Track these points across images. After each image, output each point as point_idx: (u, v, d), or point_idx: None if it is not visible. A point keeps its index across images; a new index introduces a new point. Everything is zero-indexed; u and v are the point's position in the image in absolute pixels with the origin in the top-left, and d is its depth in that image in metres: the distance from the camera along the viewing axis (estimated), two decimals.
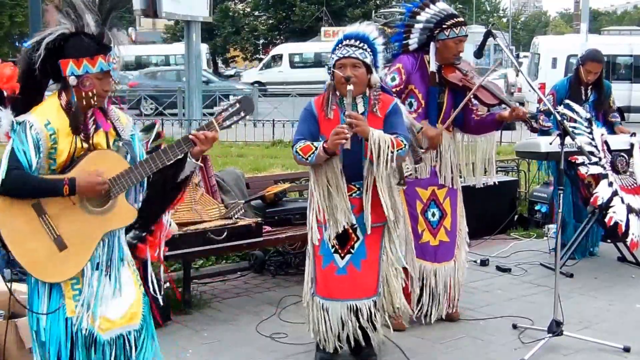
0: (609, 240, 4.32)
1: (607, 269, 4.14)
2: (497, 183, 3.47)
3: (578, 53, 8.79)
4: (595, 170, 3.72)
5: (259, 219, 3.59)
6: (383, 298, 2.68)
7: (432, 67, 3.05)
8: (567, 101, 3.97)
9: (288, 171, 5.63)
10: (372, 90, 2.58)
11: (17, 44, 30.57)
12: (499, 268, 4.10)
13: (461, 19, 3.09)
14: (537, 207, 5.01)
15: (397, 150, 2.49)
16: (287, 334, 3.06)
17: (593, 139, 3.83)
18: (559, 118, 3.07)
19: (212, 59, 26.92)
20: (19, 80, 1.90)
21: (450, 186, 3.17)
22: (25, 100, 1.92)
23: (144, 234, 2.10)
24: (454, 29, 3.02)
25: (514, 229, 4.97)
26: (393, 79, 3.02)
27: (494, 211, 4.82)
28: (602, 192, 3.71)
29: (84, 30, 1.91)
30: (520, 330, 3.11)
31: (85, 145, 1.94)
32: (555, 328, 2.88)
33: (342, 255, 2.61)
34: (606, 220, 3.66)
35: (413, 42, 3.11)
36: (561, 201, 2.96)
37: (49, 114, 1.91)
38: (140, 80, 16.58)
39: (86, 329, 1.93)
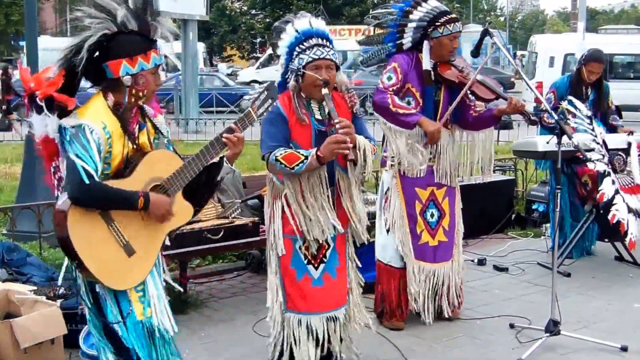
0: (606, 240, 4.33)
1: (604, 268, 4.14)
2: (494, 173, 3.43)
3: (575, 52, 8.82)
4: (602, 167, 3.71)
5: (256, 218, 3.58)
6: (353, 307, 2.58)
7: (427, 65, 3.04)
8: (569, 97, 3.96)
9: None
10: (347, 92, 2.47)
11: (12, 43, 30.48)
12: (496, 267, 4.09)
13: (454, 15, 3.08)
14: (534, 207, 5.02)
15: (373, 155, 2.42)
16: None
17: (596, 136, 3.82)
18: (555, 118, 3.06)
19: (208, 58, 26.87)
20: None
21: (448, 184, 3.16)
22: (64, 105, 1.84)
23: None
24: (448, 25, 3.01)
25: (512, 228, 4.97)
26: (389, 78, 3.00)
27: (492, 210, 4.81)
28: (607, 189, 3.70)
29: (127, 27, 1.85)
30: (518, 329, 3.11)
31: (133, 146, 1.90)
32: (553, 327, 2.88)
33: (316, 265, 2.47)
34: (609, 217, 3.66)
35: (407, 41, 3.09)
36: (558, 200, 2.96)
37: (102, 116, 1.83)
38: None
39: (156, 329, 1.93)
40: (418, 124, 2.98)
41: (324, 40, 2.39)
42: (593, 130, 3.84)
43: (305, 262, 2.47)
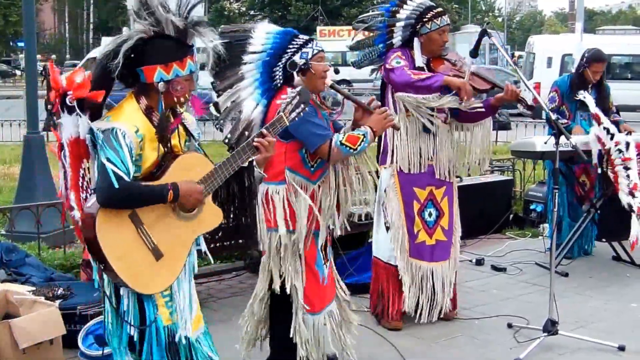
0: (603, 240, 4.34)
1: (602, 268, 4.15)
2: (492, 174, 3.42)
3: (573, 52, 8.81)
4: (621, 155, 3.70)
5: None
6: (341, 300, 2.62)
7: (419, 62, 3.03)
8: (581, 92, 3.96)
9: None
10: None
11: (11, 43, 30.44)
12: (494, 267, 4.10)
13: (440, 9, 3.07)
14: (532, 207, 5.03)
15: None
16: None
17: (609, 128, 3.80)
18: (553, 117, 3.07)
19: None
20: (93, 87, 1.82)
21: (447, 180, 3.15)
22: (96, 105, 1.84)
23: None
24: (435, 20, 3.01)
25: (509, 228, 4.97)
26: (398, 62, 2.96)
27: (490, 211, 4.82)
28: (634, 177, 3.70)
29: (164, 32, 1.82)
30: (516, 329, 3.12)
31: (164, 149, 1.87)
32: (551, 327, 2.89)
33: (326, 264, 2.53)
34: (635, 209, 3.61)
35: (397, 40, 3.09)
36: (556, 200, 2.97)
37: (135, 119, 1.82)
38: None
39: (182, 336, 1.90)
40: (445, 83, 2.90)
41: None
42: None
43: (322, 262, 2.50)
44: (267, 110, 2.43)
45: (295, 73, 2.39)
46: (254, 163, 2.01)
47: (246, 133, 2.46)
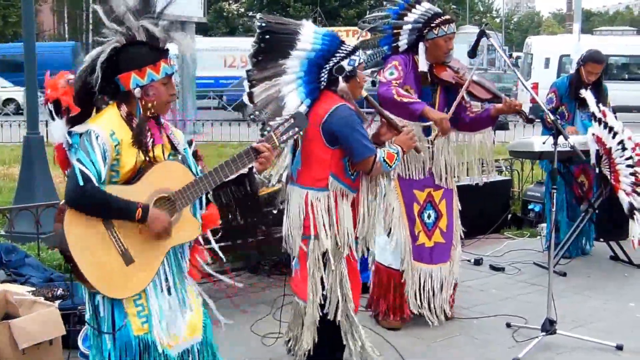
0: (601, 239, 4.36)
1: (600, 267, 4.17)
2: (491, 175, 3.46)
3: (571, 53, 8.85)
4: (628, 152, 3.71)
5: (255, 218, 3.58)
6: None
7: (423, 67, 3.05)
8: (582, 91, 3.97)
9: None
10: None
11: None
12: (492, 267, 4.12)
13: (448, 17, 3.10)
14: (530, 207, 5.04)
15: None
16: (282, 333, 3.06)
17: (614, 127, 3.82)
18: (552, 118, 3.09)
19: None
20: (76, 102, 1.84)
21: (446, 187, 3.18)
22: (78, 115, 1.85)
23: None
24: (442, 27, 3.03)
25: (508, 228, 4.99)
26: (391, 73, 3.00)
27: (488, 211, 4.84)
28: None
29: (135, 39, 1.83)
30: (515, 329, 3.13)
31: (146, 158, 1.86)
32: (549, 327, 2.90)
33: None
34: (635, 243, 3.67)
35: (402, 43, 3.11)
36: (554, 200, 2.98)
37: (112, 124, 1.82)
38: None
39: (158, 346, 1.86)
40: (422, 113, 2.96)
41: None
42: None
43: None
44: (310, 111, 2.42)
45: (340, 78, 2.40)
46: (254, 170, 1.98)
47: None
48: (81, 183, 1.73)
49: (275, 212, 3.72)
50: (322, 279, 2.48)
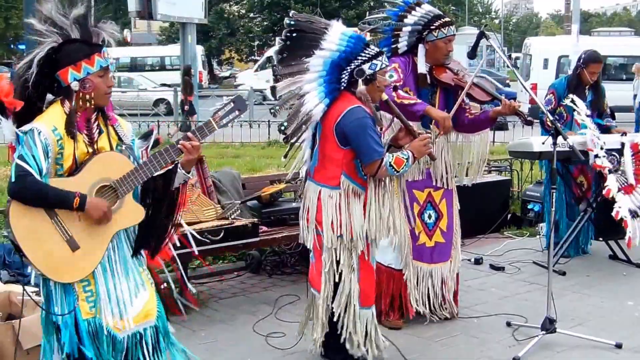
0: (600, 239, 4.38)
1: (599, 266, 4.19)
2: (490, 174, 3.47)
3: (569, 54, 8.88)
4: (607, 163, 3.76)
5: (255, 219, 3.61)
6: None
7: (422, 69, 3.07)
8: (571, 96, 4.01)
9: (284, 171, 5.65)
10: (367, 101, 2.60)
11: (11, 46, 30.39)
12: (492, 266, 4.13)
13: (448, 19, 3.12)
14: (529, 206, 5.06)
15: None
16: (284, 333, 3.08)
17: (599, 134, 3.87)
18: (551, 118, 3.11)
19: (207, 61, 26.88)
20: (17, 98, 1.94)
21: (446, 187, 3.20)
22: (26, 114, 1.96)
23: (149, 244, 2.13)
24: (442, 29, 3.05)
25: (507, 227, 5.01)
26: (391, 76, 3.01)
27: (488, 210, 4.85)
28: (612, 185, 3.75)
29: (70, 37, 1.96)
30: (514, 327, 3.14)
31: (90, 149, 1.98)
32: (549, 325, 2.91)
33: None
34: (613, 214, 3.70)
35: (402, 45, 3.12)
36: (553, 200, 3.01)
37: (54, 120, 1.94)
38: None
39: (104, 329, 1.96)
40: (425, 112, 2.99)
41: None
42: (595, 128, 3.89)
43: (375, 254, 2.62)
44: (327, 110, 2.49)
45: (360, 80, 2.45)
46: (179, 166, 2.05)
47: (303, 127, 2.54)
48: (13, 179, 1.86)
49: (275, 213, 3.77)
50: (334, 273, 2.54)
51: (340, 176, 2.50)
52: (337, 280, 2.56)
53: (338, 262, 2.53)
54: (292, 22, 2.59)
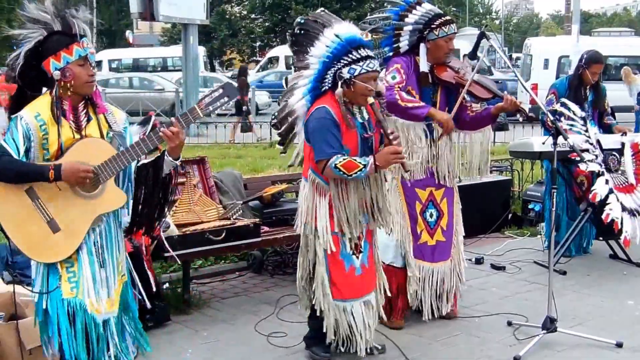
0: (601, 238, 4.38)
1: (599, 266, 4.19)
2: (491, 174, 3.50)
3: (570, 54, 8.89)
4: (594, 167, 3.77)
5: (257, 219, 3.62)
6: (377, 291, 2.80)
7: (423, 67, 3.09)
8: (563, 100, 4.03)
9: (285, 172, 5.67)
10: (378, 99, 2.63)
11: (14, 48, 30.43)
12: (493, 266, 4.14)
13: (449, 18, 3.13)
14: (530, 206, 5.07)
15: None
16: (285, 333, 3.09)
17: (589, 137, 3.89)
18: (551, 118, 3.12)
19: (209, 62, 26.90)
20: (19, 80, 2.07)
21: (448, 186, 3.21)
22: (20, 105, 2.07)
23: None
24: (443, 27, 3.06)
25: (508, 227, 5.02)
26: (394, 77, 3.05)
27: (489, 210, 4.86)
28: (599, 189, 3.77)
29: (54, 30, 2.06)
30: (515, 327, 3.15)
31: (77, 135, 2.07)
32: (549, 325, 2.92)
33: (357, 255, 2.70)
34: (603, 217, 3.72)
35: (404, 44, 3.14)
36: (554, 200, 3.01)
37: (39, 107, 2.05)
38: None
39: (83, 310, 2.05)
40: (429, 115, 3.03)
41: (371, 51, 2.59)
42: (587, 131, 3.91)
43: (350, 252, 2.66)
44: (309, 107, 2.62)
45: (339, 83, 2.53)
46: (166, 153, 2.10)
47: (289, 119, 2.75)
48: None
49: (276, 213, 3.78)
50: (308, 260, 2.68)
51: (309, 170, 2.64)
52: (311, 268, 2.68)
53: (311, 251, 2.65)
54: (302, 21, 2.78)
